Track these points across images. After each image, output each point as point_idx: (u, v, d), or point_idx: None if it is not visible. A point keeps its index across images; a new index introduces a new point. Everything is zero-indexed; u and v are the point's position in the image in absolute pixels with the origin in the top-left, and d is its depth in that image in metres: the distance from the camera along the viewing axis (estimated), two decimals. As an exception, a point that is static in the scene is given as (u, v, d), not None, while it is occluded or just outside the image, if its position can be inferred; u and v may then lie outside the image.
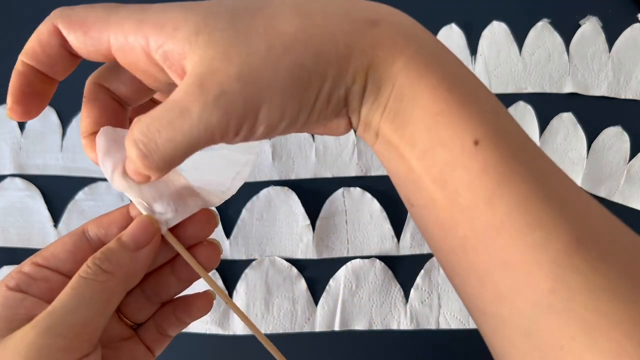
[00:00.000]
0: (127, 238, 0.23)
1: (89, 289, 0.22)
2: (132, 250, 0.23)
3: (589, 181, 0.43)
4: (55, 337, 0.21)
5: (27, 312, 0.22)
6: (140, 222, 0.23)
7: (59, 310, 0.21)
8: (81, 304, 0.22)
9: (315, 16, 0.20)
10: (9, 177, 0.46)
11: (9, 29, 0.49)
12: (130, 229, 0.23)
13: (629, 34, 0.46)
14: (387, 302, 0.42)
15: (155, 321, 0.27)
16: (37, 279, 0.23)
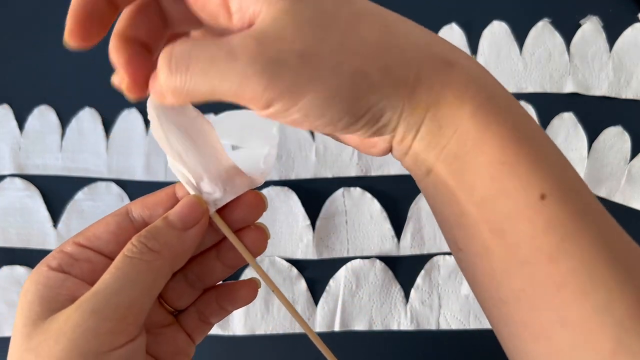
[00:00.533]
0: (174, 217, 0.22)
1: (134, 269, 0.21)
2: (180, 230, 0.22)
3: (590, 181, 0.43)
4: (101, 319, 0.20)
5: (69, 292, 0.21)
6: (188, 202, 0.23)
7: (104, 291, 0.20)
8: (126, 285, 0.21)
9: (398, 35, 0.20)
10: (9, 177, 0.46)
11: (9, 30, 0.49)
12: (177, 208, 0.23)
13: (629, 33, 0.46)
14: (387, 303, 0.42)
15: (197, 308, 0.26)
16: (79, 260, 0.22)
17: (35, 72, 0.48)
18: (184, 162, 0.23)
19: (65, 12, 0.22)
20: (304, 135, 0.45)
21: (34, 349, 0.20)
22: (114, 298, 0.20)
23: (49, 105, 0.47)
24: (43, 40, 0.49)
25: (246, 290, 0.26)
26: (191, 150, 0.23)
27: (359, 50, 0.18)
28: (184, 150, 0.23)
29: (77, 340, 0.19)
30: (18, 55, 0.49)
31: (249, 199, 0.24)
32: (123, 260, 0.21)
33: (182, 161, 0.23)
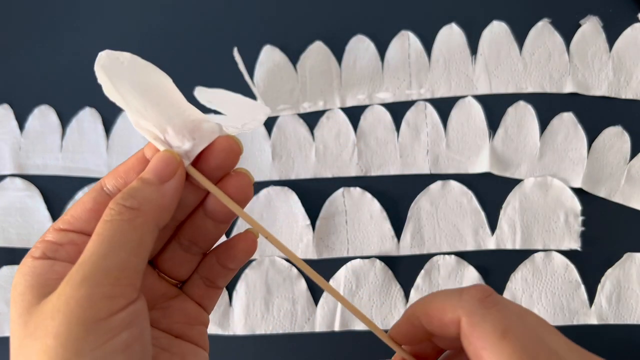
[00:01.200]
0: (148, 174, 0.22)
1: (117, 231, 0.20)
2: (157, 184, 0.22)
3: (590, 181, 0.43)
4: (93, 285, 0.19)
5: (58, 276, 0.21)
6: (160, 156, 0.22)
7: (90, 258, 0.20)
8: (112, 247, 0.20)
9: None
10: (9, 177, 0.46)
11: (9, 29, 0.49)
12: (151, 165, 0.22)
13: (629, 33, 0.46)
14: (387, 302, 0.42)
15: (201, 274, 0.26)
16: (63, 244, 0.22)
17: (36, 72, 0.48)
18: (146, 118, 0.22)
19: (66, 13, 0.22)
20: (304, 135, 0.45)
21: (32, 333, 0.19)
22: (102, 262, 0.20)
23: (49, 105, 0.47)
24: (43, 40, 0.49)
25: (244, 243, 0.25)
26: (150, 104, 0.23)
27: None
28: (142, 106, 0.22)
29: (73, 312, 0.19)
30: (18, 55, 0.49)
31: (221, 144, 0.23)
32: (103, 226, 0.21)
33: (143, 117, 0.22)
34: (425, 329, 0.22)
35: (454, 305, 0.21)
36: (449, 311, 0.21)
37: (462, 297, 0.21)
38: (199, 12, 0.49)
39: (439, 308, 0.21)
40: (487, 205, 0.43)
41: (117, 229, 0.20)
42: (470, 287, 0.21)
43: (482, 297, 0.20)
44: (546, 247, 0.42)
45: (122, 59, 0.23)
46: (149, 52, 0.48)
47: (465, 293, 0.21)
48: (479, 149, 0.44)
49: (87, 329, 0.19)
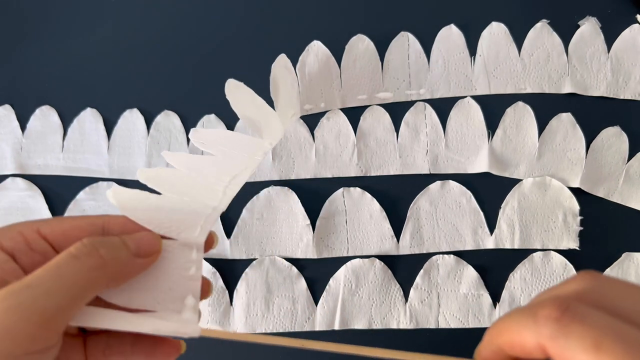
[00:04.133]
0: (131, 242, 0.22)
1: (74, 272, 0.20)
2: (132, 255, 0.22)
3: (588, 181, 0.44)
4: (24, 320, 0.18)
5: (2, 274, 0.20)
6: (150, 236, 0.23)
7: (35, 289, 0.19)
8: (61, 288, 0.19)
9: None
10: (10, 177, 0.46)
11: (10, 30, 0.50)
12: (138, 236, 0.23)
13: (627, 34, 0.46)
14: (387, 302, 0.42)
15: (108, 340, 0.25)
16: (34, 250, 0.21)
17: (37, 73, 0.48)
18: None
19: (67, 13, 0.22)
20: (304, 135, 0.45)
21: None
22: (42, 300, 0.19)
23: (50, 105, 0.47)
24: (45, 41, 0.49)
25: (168, 348, 0.25)
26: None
27: None
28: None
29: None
30: (20, 56, 0.49)
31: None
32: (67, 259, 0.20)
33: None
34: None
35: (531, 332, 0.19)
36: (529, 339, 0.19)
37: (538, 322, 0.18)
38: (199, 15, 0.49)
39: (517, 338, 0.19)
40: (486, 205, 0.44)
41: (75, 269, 0.20)
42: (543, 306, 0.19)
43: (558, 315, 0.18)
44: (545, 246, 0.42)
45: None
46: (149, 53, 0.49)
47: (540, 316, 0.18)
48: (478, 149, 0.45)
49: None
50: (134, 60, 0.48)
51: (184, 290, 0.24)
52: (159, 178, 0.25)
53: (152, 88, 0.48)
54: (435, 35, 0.47)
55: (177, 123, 0.47)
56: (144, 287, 0.23)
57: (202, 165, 0.27)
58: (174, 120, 0.47)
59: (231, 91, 0.29)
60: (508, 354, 0.21)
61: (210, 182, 0.26)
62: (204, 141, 0.27)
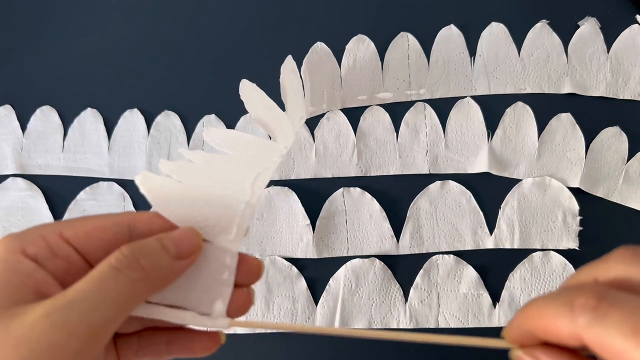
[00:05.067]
0: (171, 244, 0.21)
1: (118, 284, 0.19)
2: (173, 258, 0.21)
3: (588, 181, 0.44)
4: (71, 336, 0.18)
5: (35, 285, 0.20)
6: (188, 234, 0.22)
7: (80, 304, 0.19)
8: (105, 301, 0.19)
9: None
10: (11, 177, 0.46)
11: (11, 30, 0.50)
12: (176, 235, 0.22)
13: (627, 34, 0.46)
14: (387, 301, 0.42)
15: (140, 340, 0.24)
16: (57, 256, 0.21)
17: (37, 73, 0.48)
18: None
19: (68, 14, 0.22)
20: (304, 135, 0.45)
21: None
22: (89, 314, 0.18)
23: (50, 105, 0.48)
24: (45, 41, 0.49)
25: (207, 342, 0.25)
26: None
27: None
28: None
29: (39, 353, 0.18)
30: (20, 56, 0.49)
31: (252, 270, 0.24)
32: (109, 273, 0.20)
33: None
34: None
35: (566, 321, 0.18)
36: (564, 328, 0.18)
37: (574, 311, 0.18)
38: (199, 15, 0.49)
39: (552, 326, 0.19)
40: (486, 205, 0.44)
41: (119, 283, 0.19)
42: (580, 294, 0.18)
43: (595, 304, 0.18)
44: (544, 246, 0.43)
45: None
46: (149, 53, 0.49)
47: (576, 305, 0.18)
48: (477, 149, 0.45)
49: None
50: (135, 60, 0.48)
51: (215, 294, 0.23)
52: (183, 170, 0.23)
53: (153, 88, 0.48)
54: (435, 35, 0.47)
55: (177, 123, 0.47)
56: (177, 285, 0.23)
57: (223, 161, 0.25)
58: (174, 121, 0.47)
59: (245, 92, 0.29)
60: (540, 338, 0.20)
61: (237, 178, 0.24)
62: (219, 141, 0.26)
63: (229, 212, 0.23)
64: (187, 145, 0.46)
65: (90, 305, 0.19)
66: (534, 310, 0.20)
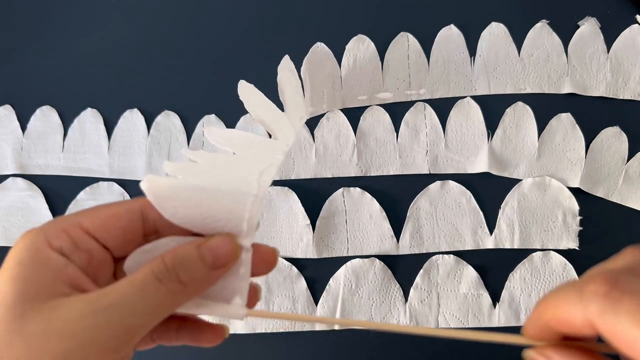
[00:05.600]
0: (209, 255, 0.21)
1: (158, 295, 0.20)
2: (209, 269, 0.21)
3: (588, 181, 0.44)
4: (111, 336, 0.19)
5: (69, 279, 0.20)
6: (225, 240, 0.22)
7: (122, 308, 0.19)
8: (146, 309, 0.20)
9: None
10: (11, 177, 0.46)
11: (11, 30, 0.50)
12: (213, 244, 0.22)
13: (627, 34, 0.46)
14: (387, 301, 0.42)
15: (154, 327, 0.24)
16: (80, 248, 0.21)
17: (37, 73, 0.48)
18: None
19: (68, 14, 0.22)
20: (304, 135, 0.45)
21: (26, 337, 0.18)
22: (129, 319, 0.19)
23: (50, 105, 0.48)
24: (45, 41, 0.49)
25: (212, 335, 0.25)
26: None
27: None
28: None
29: (83, 349, 0.18)
30: (20, 56, 0.49)
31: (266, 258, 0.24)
32: (152, 283, 0.20)
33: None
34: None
35: (578, 309, 0.18)
36: (577, 316, 0.18)
37: (585, 298, 0.18)
38: (199, 15, 0.49)
39: (564, 315, 0.19)
40: (486, 205, 0.44)
41: (159, 294, 0.20)
42: (590, 281, 0.18)
43: (606, 290, 0.17)
44: (544, 246, 0.43)
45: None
46: (149, 53, 0.49)
47: (587, 292, 0.18)
48: (477, 149, 0.45)
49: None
50: (135, 60, 0.48)
51: (233, 289, 0.23)
52: (187, 170, 0.23)
53: (153, 88, 0.48)
54: (435, 35, 0.47)
55: (177, 123, 0.47)
56: None
57: (226, 160, 0.25)
58: (174, 121, 0.47)
59: (243, 92, 0.29)
60: (556, 330, 0.20)
61: (242, 175, 0.24)
62: (221, 140, 0.25)
63: (238, 209, 0.23)
64: (187, 145, 0.46)
65: (132, 310, 0.19)
66: (546, 302, 0.20)
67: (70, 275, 0.20)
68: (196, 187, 0.23)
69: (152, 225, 0.23)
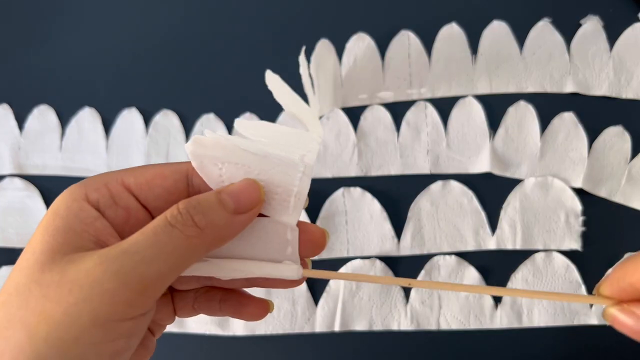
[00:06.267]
0: (230, 198, 0.20)
1: (172, 241, 0.19)
2: (231, 213, 0.20)
3: (590, 181, 0.43)
4: (123, 286, 0.18)
5: (95, 234, 0.20)
6: (249, 186, 0.21)
7: (134, 255, 0.19)
8: (159, 256, 0.19)
9: None
10: (8, 177, 0.46)
11: (8, 29, 0.49)
12: (235, 188, 0.21)
13: (630, 33, 0.46)
14: (387, 303, 0.42)
15: (196, 294, 0.25)
16: (118, 204, 0.21)
17: (35, 72, 0.48)
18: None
19: (66, 12, 0.22)
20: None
21: (43, 286, 0.18)
22: (142, 267, 0.18)
23: (48, 105, 0.47)
24: (43, 40, 0.49)
25: (255, 309, 0.25)
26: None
27: None
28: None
29: (91, 300, 0.18)
30: (18, 55, 0.49)
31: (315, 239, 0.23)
32: (164, 228, 0.19)
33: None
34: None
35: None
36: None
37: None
38: (198, 14, 0.49)
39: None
40: (488, 205, 0.43)
41: (174, 240, 0.19)
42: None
43: None
44: (547, 247, 0.42)
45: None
46: (147, 52, 0.48)
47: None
48: (479, 148, 0.44)
49: (95, 323, 0.18)
50: (133, 59, 0.48)
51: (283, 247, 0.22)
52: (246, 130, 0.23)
53: (151, 87, 0.47)
54: (436, 33, 0.46)
55: (175, 122, 0.46)
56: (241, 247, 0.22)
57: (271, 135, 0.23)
58: (172, 120, 0.46)
59: (272, 83, 0.28)
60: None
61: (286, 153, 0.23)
62: (254, 131, 0.25)
63: (286, 180, 0.22)
64: (186, 144, 0.46)
65: (144, 257, 0.19)
66: (633, 265, 0.20)
67: (99, 231, 0.20)
68: (246, 149, 0.22)
69: (197, 190, 0.22)
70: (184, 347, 0.42)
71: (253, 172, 0.22)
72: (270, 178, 0.22)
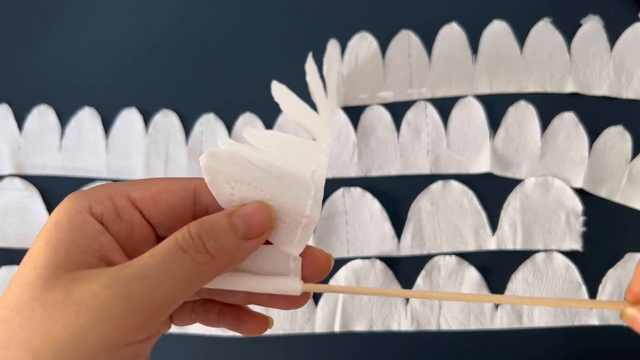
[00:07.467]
0: (241, 223, 0.20)
1: (182, 266, 0.19)
2: (241, 239, 0.20)
3: (591, 181, 0.43)
4: (132, 310, 0.18)
5: (99, 249, 0.19)
6: (260, 210, 0.20)
7: (144, 280, 0.18)
8: (169, 281, 0.18)
9: None
10: (8, 177, 0.46)
11: (8, 29, 0.49)
12: (245, 212, 0.20)
13: (630, 33, 0.46)
14: (388, 303, 0.42)
15: (194, 306, 0.24)
16: (123, 219, 0.20)
17: (35, 72, 0.48)
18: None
19: (65, 12, 0.22)
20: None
21: (48, 306, 0.18)
22: (152, 292, 0.18)
23: (48, 104, 0.47)
24: (42, 39, 0.49)
25: (254, 325, 0.24)
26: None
27: None
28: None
29: (99, 324, 0.17)
30: (17, 55, 0.48)
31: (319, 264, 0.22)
32: (175, 253, 0.19)
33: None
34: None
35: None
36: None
37: None
38: (197, 14, 0.49)
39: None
40: (488, 206, 0.43)
41: (184, 265, 0.19)
42: None
43: None
44: (547, 247, 0.42)
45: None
46: (147, 52, 0.48)
47: None
48: (479, 148, 0.44)
49: (103, 348, 0.17)
50: (132, 59, 0.48)
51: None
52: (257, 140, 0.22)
53: (151, 87, 0.47)
54: (437, 33, 0.46)
55: (175, 122, 0.46)
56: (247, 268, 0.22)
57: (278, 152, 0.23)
58: (172, 120, 0.46)
59: (278, 94, 0.27)
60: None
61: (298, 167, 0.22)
62: (261, 141, 0.24)
63: (297, 209, 0.21)
64: (186, 145, 0.46)
65: (154, 282, 0.18)
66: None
67: (103, 245, 0.19)
68: (259, 166, 0.21)
69: (204, 208, 0.22)
70: (184, 347, 0.42)
71: (265, 196, 0.21)
72: (281, 205, 0.21)
